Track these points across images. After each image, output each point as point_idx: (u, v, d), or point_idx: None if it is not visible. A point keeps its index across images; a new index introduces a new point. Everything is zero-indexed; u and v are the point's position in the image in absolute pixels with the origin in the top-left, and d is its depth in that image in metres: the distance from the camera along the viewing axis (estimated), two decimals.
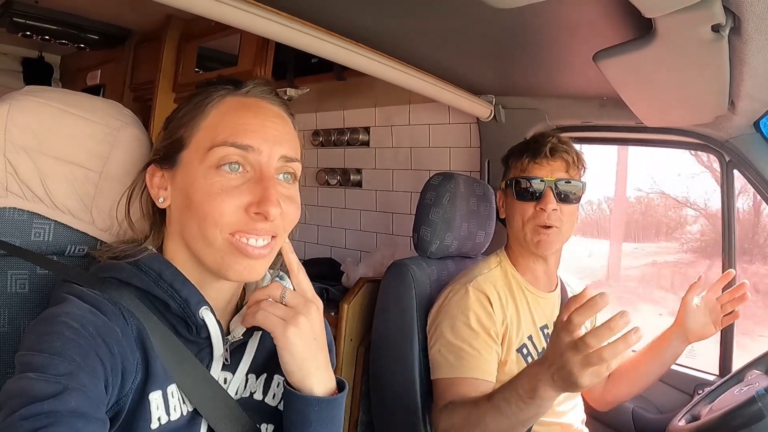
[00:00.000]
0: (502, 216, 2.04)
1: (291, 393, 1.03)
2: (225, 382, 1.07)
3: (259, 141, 0.99)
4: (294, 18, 1.60)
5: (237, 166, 0.99)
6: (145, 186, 1.09)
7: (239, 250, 0.98)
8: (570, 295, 2.04)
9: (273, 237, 1.02)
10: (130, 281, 1.00)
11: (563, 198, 1.86)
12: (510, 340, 1.84)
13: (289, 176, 1.06)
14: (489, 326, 1.79)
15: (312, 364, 1.03)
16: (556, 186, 1.86)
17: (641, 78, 1.55)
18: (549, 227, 1.85)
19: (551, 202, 1.84)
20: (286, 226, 1.05)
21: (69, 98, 1.12)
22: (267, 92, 1.08)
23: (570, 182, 1.88)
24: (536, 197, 1.86)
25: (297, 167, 1.07)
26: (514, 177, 1.93)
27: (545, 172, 1.87)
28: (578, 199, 1.91)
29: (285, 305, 1.03)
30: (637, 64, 1.40)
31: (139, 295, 1.00)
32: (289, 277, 1.10)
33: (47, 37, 3.52)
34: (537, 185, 1.86)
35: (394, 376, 1.99)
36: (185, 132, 1.04)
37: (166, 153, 1.06)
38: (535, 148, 1.90)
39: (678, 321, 1.93)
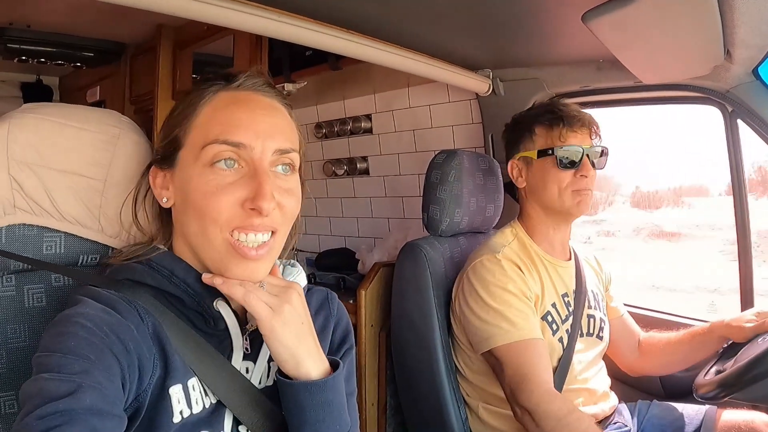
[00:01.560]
0: (522, 186, 2.02)
1: (282, 382, 1.01)
2: (247, 371, 1.08)
3: (250, 137, 0.98)
4: (283, 12, 1.61)
5: (232, 162, 0.98)
6: (150, 188, 1.10)
7: (237, 252, 0.98)
8: (583, 264, 2.07)
9: (273, 233, 1.02)
10: (144, 281, 1.01)
11: (594, 163, 1.91)
12: (537, 308, 1.85)
13: (287, 167, 1.04)
14: (525, 291, 1.82)
15: (303, 350, 1.02)
16: (589, 152, 1.89)
17: (632, 35, 1.54)
18: (586, 190, 1.89)
19: (590, 169, 1.88)
20: (286, 219, 1.05)
21: (65, 111, 1.13)
22: (259, 84, 1.07)
23: (598, 147, 1.93)
24: (575, 165, 1.88)
25: (294, 157, 1.05)
26: (551, 146, 1.92)
27: (579, 140, 1.89)
28: (602, 165, 1.96)
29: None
30: (626, 21, 1.39)
31: (154, 293, 1.01)
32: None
33: (43, 60, 3.55)
34: (578, 153, 1.88)
35: (417, 357, 2.01)
36: (180, 131, 1.04)
37: (164, 153, 1.06)
38: (567, 116, 1.91)
39: (729, 323, 1.88)
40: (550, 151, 1.90)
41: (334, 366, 1.06)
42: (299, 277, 1.19)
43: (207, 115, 1.02)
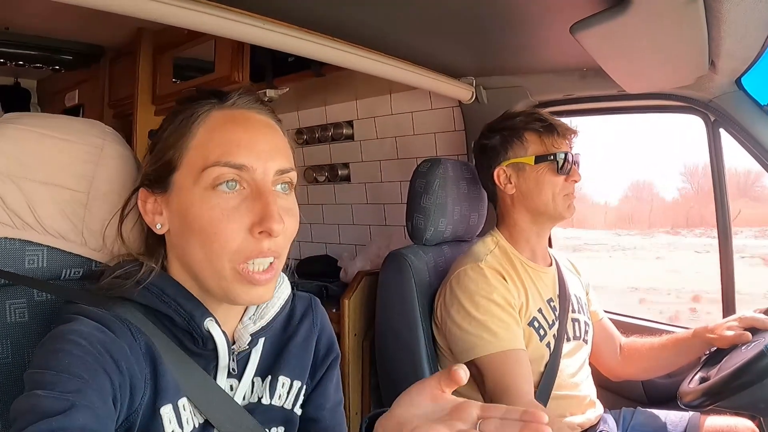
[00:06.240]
0: (510, 192, 2.00)
1: None
2: (231, 389, 1.07)
3: (252, 158, 0.96)
4: (265, 18, 1.59)
5: (234, 184, 0.95)
6: (135, 206, 1.07)
7: (247, 279, 0.96)
8: (563, 270, 2.08)
9: (275, 258, 1.00)
10: (134, 298, 0.99)
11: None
12: (522, 315, 1.86)
13: (286, 186, 1.02)
14: (510, 299, 1.82)
15: None
16: (577, 160, 1.96)
17: (620, 46, 1.55)
18: (574, 194, 1.96)
19: (579, 174, 1.95)
20: (287, 241, 1.02)
21: (48, 122, 1.10)
22: (252, 101, 1.04)
23: (578, 155, 1.97)
24: (568, 171, 1.92)
25: (293, 176, 1.03)
26: (548, 152, 1.94)
27: (566, 147, 1.94)
28: None
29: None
30: (614, 32, 1.39)
31: (144, 311, 0.99)
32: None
33: (21, 63, 3.52)
34: (570, 159, 1.93)
35: (402, 366, 2.00)
36: (174, 153, 1.00)
37: (156, 176, 1.02)
38: (557, 124, 1.96)
39: (712, 330, 1.89)
40: (551, 157, 1.92)
41: None
42: (283, 286, 1.18)
43: (204, 136, 0.99)
